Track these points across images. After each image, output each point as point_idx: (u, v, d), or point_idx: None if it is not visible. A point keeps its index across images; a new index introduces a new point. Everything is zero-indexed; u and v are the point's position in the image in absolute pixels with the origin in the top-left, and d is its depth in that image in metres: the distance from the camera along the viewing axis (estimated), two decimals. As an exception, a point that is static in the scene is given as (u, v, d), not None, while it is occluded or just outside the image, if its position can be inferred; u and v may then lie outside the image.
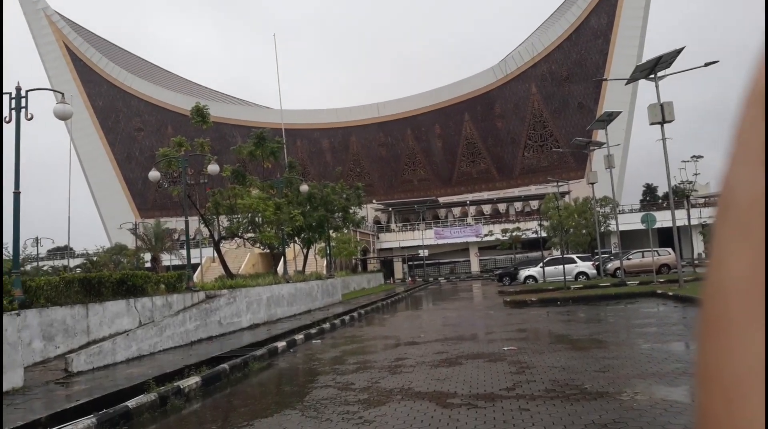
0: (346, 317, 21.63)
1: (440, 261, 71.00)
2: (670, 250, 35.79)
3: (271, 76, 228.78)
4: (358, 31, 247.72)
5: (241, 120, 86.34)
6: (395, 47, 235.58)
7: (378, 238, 70.26)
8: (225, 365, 11.36)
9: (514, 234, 55.90)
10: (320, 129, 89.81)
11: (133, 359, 12.99)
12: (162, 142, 70.06)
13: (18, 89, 13.78)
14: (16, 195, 13.31)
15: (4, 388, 9.76)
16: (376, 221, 78.29)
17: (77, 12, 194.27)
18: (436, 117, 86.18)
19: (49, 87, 65.90)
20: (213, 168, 22.58)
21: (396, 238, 70.44)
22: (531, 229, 53.61)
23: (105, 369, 11.96)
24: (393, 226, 76.14)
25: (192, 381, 10.03)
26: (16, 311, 10.70)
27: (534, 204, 72.95)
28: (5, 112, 13.59)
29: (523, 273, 37.67)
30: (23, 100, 13.73)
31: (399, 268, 67.83)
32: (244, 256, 43.87)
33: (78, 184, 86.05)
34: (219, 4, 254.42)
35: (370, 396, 8.73)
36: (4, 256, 44.60)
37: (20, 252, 14.56)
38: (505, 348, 12.38)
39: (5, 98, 13.80)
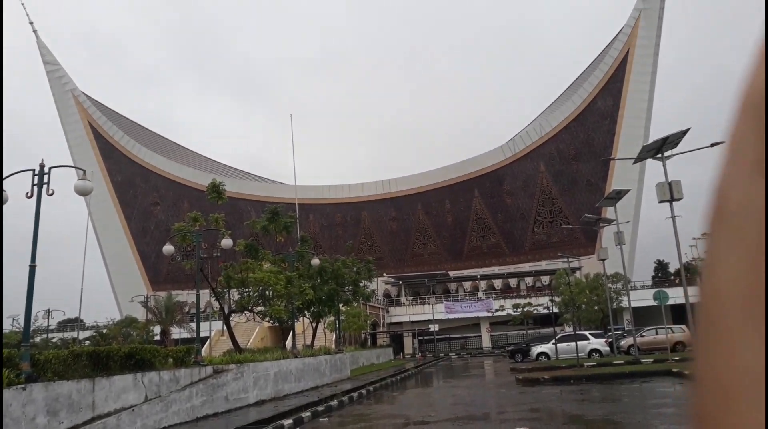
0: (355, 394, 21.21)
1: (451, 336, 69.83)
2: (684, 327, 35.12)
3: (286, 154, 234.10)
4: (371, 112, 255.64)
5: (256, 195, 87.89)
6: (407, 127, 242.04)
7: (388, 311, 69.55)
8: (229, 443, 11.16)
9: (525, 309, 55.21)
10: (333, 204, 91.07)
11: (136, 436, 12.78)
12: (178, 216, 71.25)
13: (41, 166, 14.32)
14: (32, 268, 13.57)
15: (6, 465, 9.62)
16: (387, 294, 77.77)
17: (103, 92, 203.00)
18: (446, 193, 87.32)
19: (71, 162, 68.08)
20: (226, 242, 22.93)
21: (406, 312, 69.70)
22: (542, 304, 52.98)
23: (108, 446, 11.77)
24: (403, 299, 75.52)
25: (195, 459, 9.85)
26: (22, 385, 10.69)
27: (545, 279, 72.38)
28: (28, 188, 14.13)
29: (536, 349, 36.94)
30: (45, 177, 14.24)
31: (409, 342, 66.68)
32: (253, 330, 43.51)
33: (92, 256, 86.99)
34: (239, 89, 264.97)
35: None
36: (14, 328, 44.54)
37: (31, 324, 14.63)
38: None
39: (29, 175, 14.38)
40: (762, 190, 0.34)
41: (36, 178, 14.22)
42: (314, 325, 36.42)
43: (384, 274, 76.32)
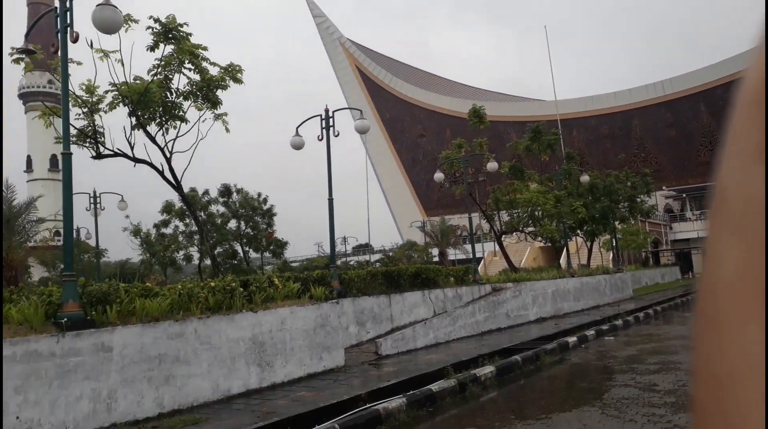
0: (640, 314, 20.09)
1: (752, 253, 61.15)
2: None
3: (542, 70, 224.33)
4: (632, 10, 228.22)
5: (514, 116, 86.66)
6: (676, 18, 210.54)
7: (671, 227, 63.62)
8: (517, 357, 11.55)
9: None
10: (597, 116, 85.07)
11: (430, 346, 14.05)
12: (442, 145, 74.25)
13: (326, 111, 15.99)
14: (330, 201, 15.51)
15: (330, 366, 11.43)
16: (668, 210, 70.96)
17: (366, 36, 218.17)
18: (736, 88, 74.50)
19: (346, 106, 75.41)
20: (492, 166, 23.15)
21: (693, 228, 62.83)
22: None
23: (407, 354, 13.18)
24: (688, 214, 68.13)
25: (487, 370, 10.43)
26: (335, 300, 12.47)
27: None
28: (319, 132, 15.96)
29: None
30: (330, 120, 15.88)
31: (698, 261, 60.43)
32: (524, 250, 43.94)
33: (373, 188, 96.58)
34: (491, 14, 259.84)
35: (677, 399, 7.99)
36: (320, 253, 52.25)
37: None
38: None
39: (317, 120, 16.18)
40: (762, 181, 0.34)
41: (323, 122, 15.94)
42: (588, 244, 35.20)
43: (663, 188, 69.52)
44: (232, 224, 35.19)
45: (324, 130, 15.68)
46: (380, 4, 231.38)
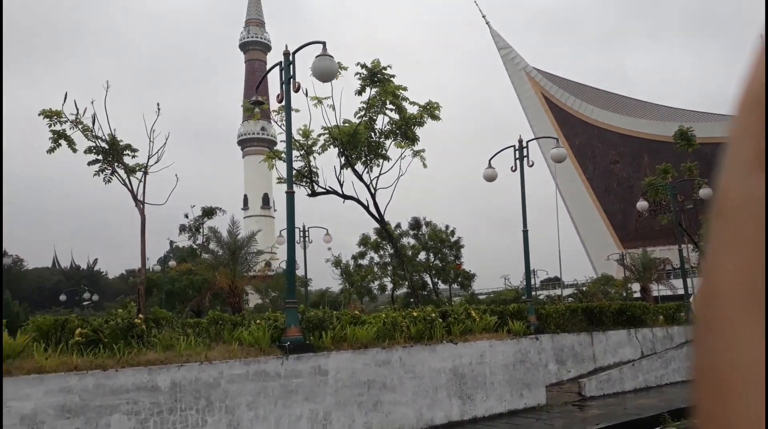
0: None
1: None
2: None
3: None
4: None
5: (724, 137, 78.01)
6: None
7: None
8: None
9: None
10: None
11: (639, 390, 12.95)
12: (639, 171, 69.43)
13: (520, 142, 15.85)
14: (525, 233, 15.21)
15: (531, 404, 11.06)
16: None
17: (555, 63, 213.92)
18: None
19: (532, 136, 74.01)
20: (705, 192, 21.03)
21: None
22: None
23: (614, 396, 12.28)
24: None
25: (713, 421, 9.31)
26: (534, 335, 12.10)
27: None
28: (512, 163, 15.84)
29: None
30: (524, 150, 15.69)
31: None
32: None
33: (563, 219, 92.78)
34: (694, 28, 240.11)
35: None
36: (507, 286, 51.20)
37: (527, 282, 16.34)
38: None
39: (503, 152, 16.08)
40: (762, 186, 0.34)
41: (516, 152, 15.80)
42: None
43: None
44: (422, 256, 36.13)
45: (518, 161, 15.53)
46: (572, 28, 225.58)
